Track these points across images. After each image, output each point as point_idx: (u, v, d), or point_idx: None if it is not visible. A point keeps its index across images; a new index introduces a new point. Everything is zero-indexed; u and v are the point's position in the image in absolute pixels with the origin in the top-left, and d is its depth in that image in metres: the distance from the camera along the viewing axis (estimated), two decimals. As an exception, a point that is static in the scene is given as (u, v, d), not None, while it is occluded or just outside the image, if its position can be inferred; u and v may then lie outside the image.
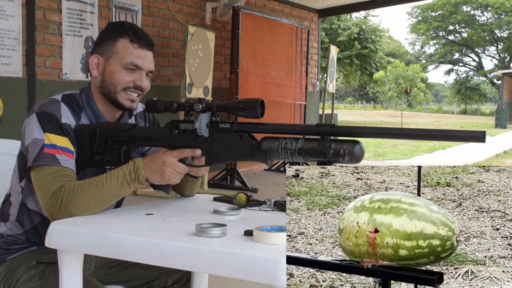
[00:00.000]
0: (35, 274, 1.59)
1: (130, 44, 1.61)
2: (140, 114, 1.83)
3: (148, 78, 1.67)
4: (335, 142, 1.27)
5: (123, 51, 1.61)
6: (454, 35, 42.99)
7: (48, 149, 1.51)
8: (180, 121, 1.51)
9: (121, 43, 1.61)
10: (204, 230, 1.23)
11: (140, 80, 1.63)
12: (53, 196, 1.47)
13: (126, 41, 1.61)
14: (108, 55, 1.63)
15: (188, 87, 5.99)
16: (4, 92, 4.84)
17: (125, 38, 1.61)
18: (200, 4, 7.17)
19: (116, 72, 1.61)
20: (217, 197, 1.74)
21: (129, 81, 1.62)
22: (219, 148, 1.45)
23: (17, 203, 1.67)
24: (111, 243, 1.29)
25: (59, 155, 1.51)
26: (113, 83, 1.62)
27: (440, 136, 1.22)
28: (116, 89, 1.62)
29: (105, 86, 1.63)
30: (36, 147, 1.51)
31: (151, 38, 1.66)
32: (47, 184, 1.49)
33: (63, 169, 1.51)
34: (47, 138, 1.52)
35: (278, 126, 1.38)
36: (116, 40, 1.62)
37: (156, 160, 1.50)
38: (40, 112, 1.56)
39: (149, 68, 1.65)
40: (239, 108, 1.40)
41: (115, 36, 1.63)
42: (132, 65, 1.61)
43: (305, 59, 8.51)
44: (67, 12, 5.36)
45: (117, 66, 1.61)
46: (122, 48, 1.61)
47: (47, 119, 1.54)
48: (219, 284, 3.19)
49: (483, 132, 1.13)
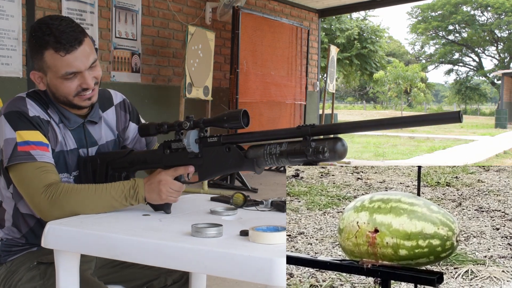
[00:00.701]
0: (36, 274, 1.59)
1: (57, 55, 1.52)
2: (120, 105, 1.81)
3: (95, 67, 1.59)
4: (317, 141, 1.29)
5: (53, 65, 1.54)
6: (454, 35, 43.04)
7: (22, 146, 1.50)
8: (171, 141, 1.54)
9: (48, 57, 1.53)
10: (200, 230, 1.23)
11: (85, 82, 1.57)
12: (46, 191, 1.47)
13: (51, 53, 1.52)
14: (44, 70, 1.57)
15: (188, 87, 5.99)
16: (4, 92, 4.84)
17: (49, 50, 1.52)
18: (200, 4, 7.16)
19: (59, 85, 1.57)
20: (214, 197, 1.73)
21: (74, 89, 1.57)
22: (209, 162, 1.47)
23: (10, 208, 1.66)
24: (107, 243, 1.28)
25: (33, 151, 1.51)
26: (62, 94, 1.59)
27: (418, 121, 1.22)
28: (68, 98, 1.59)
29: (58, 98, 1.61)
30: (9, 146, 1.51)
31: (76, 34, 1.53)
32: (35, 179, 1.49)
33: (43, 164, 1.51)
34: (19, 136, 1.51)
35: (263, 133, 1.40)
36: (43, 54, 1.54)
37: (153, 180, 1.52)
38: (7, 112, 1.55)
39: (87, 65, 1.57)
40: (223, 121, 1.42)
41: (39, 49, 1.54)
42: (68, 74, 1.55)
43: (305, 59, 8.51)
44: (67, 12, 5.36)
45: (56, 80, 1.56)
46: (52, 62, 1.53)
47: (15, 116, 1.54)
48: (218, 284, 3.19)
49: (458, 112, 1.13)
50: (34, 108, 1.58)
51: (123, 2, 5.98)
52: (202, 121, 1.47)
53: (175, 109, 6.14)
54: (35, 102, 1.60)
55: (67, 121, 1.64)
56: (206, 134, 1.49)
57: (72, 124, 1.65)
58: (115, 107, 1.80)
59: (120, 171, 1.62)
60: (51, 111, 1.63)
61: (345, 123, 1.31)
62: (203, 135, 1.48)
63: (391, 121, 1.25)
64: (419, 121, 1.22)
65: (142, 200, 1.52)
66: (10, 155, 1.50)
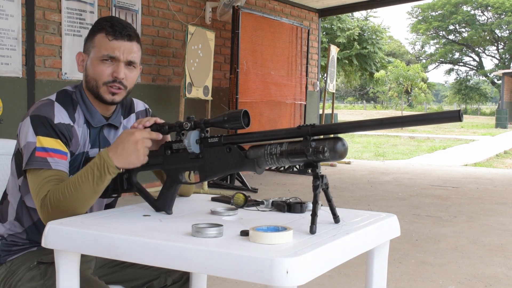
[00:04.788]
0: (36, 274, 1.59)
1: (106, 37, 1.63)
2: (141, 113, 1.84)
3: (131, 69, 1.67)
4: (317, 141, 1.30)
5: (99, 45, 1.64)
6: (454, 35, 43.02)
7: (40, 152, 1.54)
8: (172, 142, 1.54)
9: (98, 38, 1.64)
10: (200, 230, 1.23)
11: (117, 70, 1.63)
12: (42, 205, 1.50)
13: (102, 35, 1.64)
14: (89, 51, 1.67)
15: (188, 87, 5.99)
16: (3, 92, 4.84)
17: (101, 32, 1.64)
18: (200, 3, 7.16)
19: (95, 66, 1.64)
20: (215, 197, 1.73)
21: (108, 74, 1.63)
22: (211, 162, 1.46)
23: (15, 202, 1.68)
24: (107, 243, 1.28)
25: (50, 158, 1.54)
26: (94, 77, 1.65)
27: (418, 121, 1.22)
28: (98, 83, 1.64)
29: (88, 81, 1.67)
30: (29, 150, 1.54)
31: (130, 30, 1.66)
32: (37, 191, 1.52)
33: (54, 172, 1.53)
34: (38, 141, 1.55)
35: (264, 133, 1.40)
36: (95, 35, 1.65)
37: (126, 144, 1.49)
38: (34, 115, 1.58)
39: (126, 58, 1.64)
40: (224, 121, 1.42)
41: (94, 32, 1.66)
42: (107, 57, 1.63)
43: (305, 58, 8.51)
44: (66, 11, 5.36)
45: (95, 60, 1.64)
46: (99, 43, 1.64)
47: (40, 122, 1.57)
48: (218, 284, 3.19)
49: (459, 111, 1.14)
50: (61, 114, 1.61)
51: (123, 1, 5.98)
52: (202, 121, 1.48)
53: (175, 109, 6.14)
54: (63, 106, 1.63)
55: (92, 119, 1.67)
56: (207, 134, 1.49)
57: (96, 122, 1.68)
58: (136, 115, 1.82)
59: (121, 172, 1.61)
60: (77, 111, 1.66)
61: (345, 122, 1.31)
62: (204, 136, 1.48)
63: (391, 121, 1.25)
64: (419, 120, 1.22)
65: (115, 169, 1.49)
66: (28, 159, 1.54)
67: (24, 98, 5.03)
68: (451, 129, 22.40)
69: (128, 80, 1.66)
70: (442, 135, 19.32)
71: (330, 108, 11.21)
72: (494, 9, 38.52)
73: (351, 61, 19.23)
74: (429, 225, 4.86)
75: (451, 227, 4.81)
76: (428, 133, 19.65)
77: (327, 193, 1.34)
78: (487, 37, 41.18)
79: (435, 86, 54.38)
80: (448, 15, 40.20)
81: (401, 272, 3.52)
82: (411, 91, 27.44)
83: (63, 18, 5.33)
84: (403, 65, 25.59)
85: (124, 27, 1.65)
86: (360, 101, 52.63)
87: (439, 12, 41.03)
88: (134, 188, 1.60)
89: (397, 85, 25.48)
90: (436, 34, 43.06)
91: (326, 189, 1.33)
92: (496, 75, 37.41)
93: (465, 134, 19.89)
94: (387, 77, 24.43)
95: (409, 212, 5.43)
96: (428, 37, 44.01)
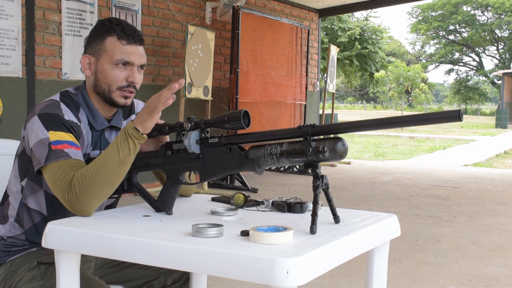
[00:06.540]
0: (36, 274, 1.59)
1: (118, 41, 1.61)
2: None
3: (141, 72, 1.67)
4: (317, 141, 1.30)
5: (112, 49, 1.61)
6: (454, 35, 43.01)
7: (56, 145, 1.51)
8: (172, 142, 1.54)
9: (109, 41, 1.62)
10: (201, 231, 1.23)
11: (132, 75, 1.63)
12: (68, 190, 1.46)
13: (114, 39, 1.61)
14: (99, 54, 1.63)
15: (188, 87, 5.99)
16: (3, 92, 4.84)
17: (112, 36, 1.62)
18: (200, 3, 7.16)
19: (108, 70, 1.62)
20: (215, 198, 1.73)
21: (122, 79, 1.62)
22: (211, 162, 1.47)
23: (16, 203, 1.67)
24: (107, 243, 1.28)
25: (67, 149, 1.52)
26: (107, 82, 1.63)
27: (418, 120, 1.22)
28: (111, 88, 1.63)
29: (99, 85, 1.64)
30: (44, 147, 1.51)
31: (139, 33, 1.66)
32: (60, 179, 1.47)
33: (75, 161, 1.51)
34: (51, 135, 1.52)
35: (264, 133, 1.40)
36: (104, 38, 1.62)
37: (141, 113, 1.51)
38: (42, 114, 1.56)
39: (140, 63, 1.65)
40: (224, 121, 1.42)
41: (103, 34, 1.63)
42: (123, 62, 1.61)
43: (305, 59, 8.51)
44: (66, 12, 5.36)
45: (108, 65, 1.62)
46: (111, 46, 1.62)
47: (49, 118, 1.55)
48: (218, 284, 3.19)
49: (459, 110, 1.14)
50: (67, 113, 1.60)
51: (123, 1, 5.98)
52: (203, 122, 1.48)
53: (175, 109, 6.13)
54: (67, 106, 1.62)
55: (95, 122, 1.66)
56: (207, 135, 1.49)
57: (99, 125, 1.67)
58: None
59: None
60: (81, 113, 1.65)
61: (345, 122, 1.31)
62: (204, 136, 1.48)
63: (391, 120, 1.25)
64: (419, 120, 1.23)
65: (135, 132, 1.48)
66: (47, 155, 1.50)
67: (24, 98, 5.03)
68: (451, 129, 22.39)
69: (139, 83, 1.67)
70: (442, 135, 19.32)
71: (330, 108, 11.21)
72: (494, 9, 38.51)
73: (351, 61, 19.22)
74: (429, 225, 4.86)
75: (451, 227, 4.81)
76: (428, 133, 19.65)
77: (327, 193, 1.34)
78: (487, 37, 41.17)
79: (435, 86, 54.38)
80: (448, 15, 40.20)
81: (401, 272, 3.52)
82: (411, 91, 27.43)
83: (63, 18, 5.33)
84: (403, 65, 25.58)
85: (134, 30, 1.64)
86: (360, 101, 52.62)
87: (439, 12, 41.02)
88: (134, 189, 1.60)
89: (397, 85, 25.47)
90: (436, 34, 43.05)
91: (326, 189, 1.33)
92: (496, 75, 37.40)
93: (465, 134, 19.89)
94: (387, 77, 24.42)
95: (409, 212, 5.43)
96: (428, 37, 43.99)
